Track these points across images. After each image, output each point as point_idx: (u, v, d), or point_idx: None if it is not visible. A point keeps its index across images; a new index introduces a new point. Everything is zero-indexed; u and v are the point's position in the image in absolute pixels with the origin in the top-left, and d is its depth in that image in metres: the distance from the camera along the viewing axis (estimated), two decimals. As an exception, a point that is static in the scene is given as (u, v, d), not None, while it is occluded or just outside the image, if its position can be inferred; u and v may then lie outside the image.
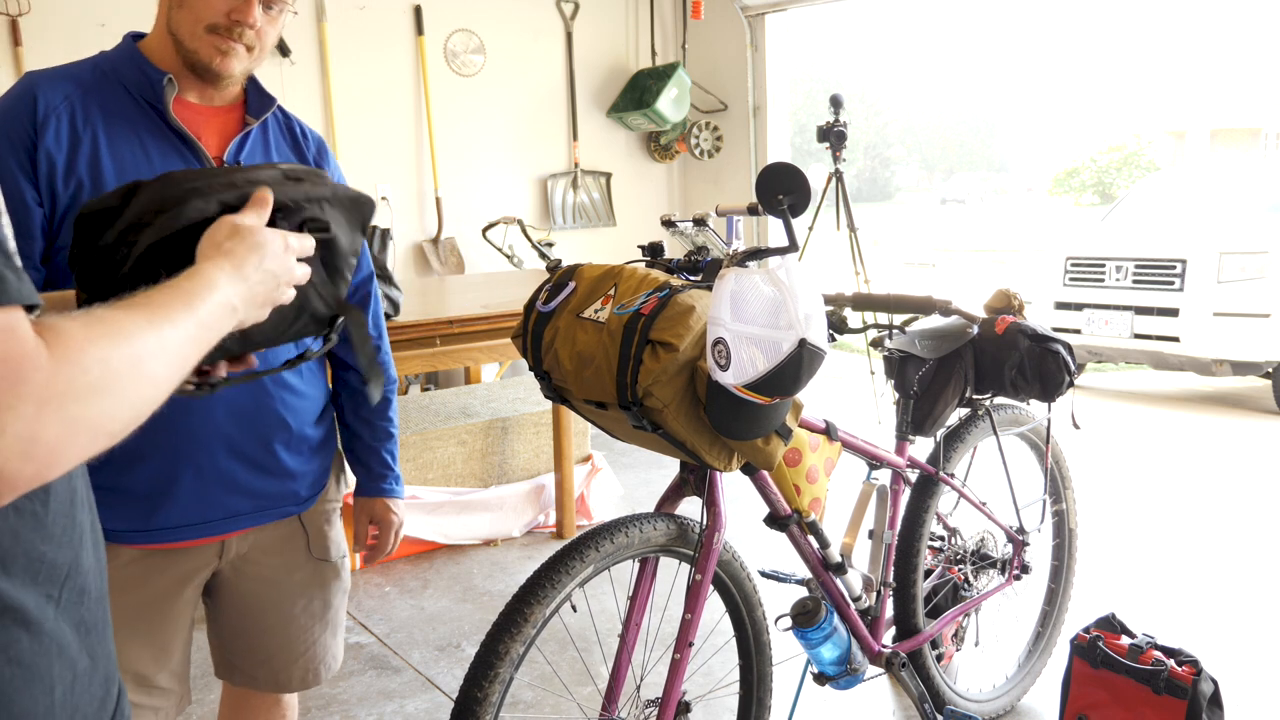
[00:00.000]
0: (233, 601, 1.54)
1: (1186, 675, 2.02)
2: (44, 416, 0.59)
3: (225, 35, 1.35)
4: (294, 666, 1.60)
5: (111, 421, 0.65)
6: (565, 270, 1.64)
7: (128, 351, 0.66)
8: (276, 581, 1.55)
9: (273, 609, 1.56)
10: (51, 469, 0.60)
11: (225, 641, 1.59)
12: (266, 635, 1.57)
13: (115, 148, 1.34)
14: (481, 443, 3.83)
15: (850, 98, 7.48)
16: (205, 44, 1.35)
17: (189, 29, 1.34)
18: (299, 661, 1.60)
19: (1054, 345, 2.17)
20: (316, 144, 1.59)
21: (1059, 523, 2.58)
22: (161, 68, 1.37)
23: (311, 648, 1.61)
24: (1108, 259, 6.11)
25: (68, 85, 1.34)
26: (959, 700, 2.34)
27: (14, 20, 4.47)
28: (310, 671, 1.62)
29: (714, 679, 2.52)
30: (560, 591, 1.58)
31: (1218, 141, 29.35)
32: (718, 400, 1.42)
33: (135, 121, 1.36)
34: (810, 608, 1.89)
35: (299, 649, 1.60)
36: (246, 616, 1.55)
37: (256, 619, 1.56)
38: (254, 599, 1.54)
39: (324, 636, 1.63)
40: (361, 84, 5.50)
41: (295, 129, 1.57)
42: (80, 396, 0.61)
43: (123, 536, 1.38)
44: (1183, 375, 6.71)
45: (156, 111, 1.37)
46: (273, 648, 1.58)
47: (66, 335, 0.62)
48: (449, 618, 3.15)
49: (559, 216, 6.38)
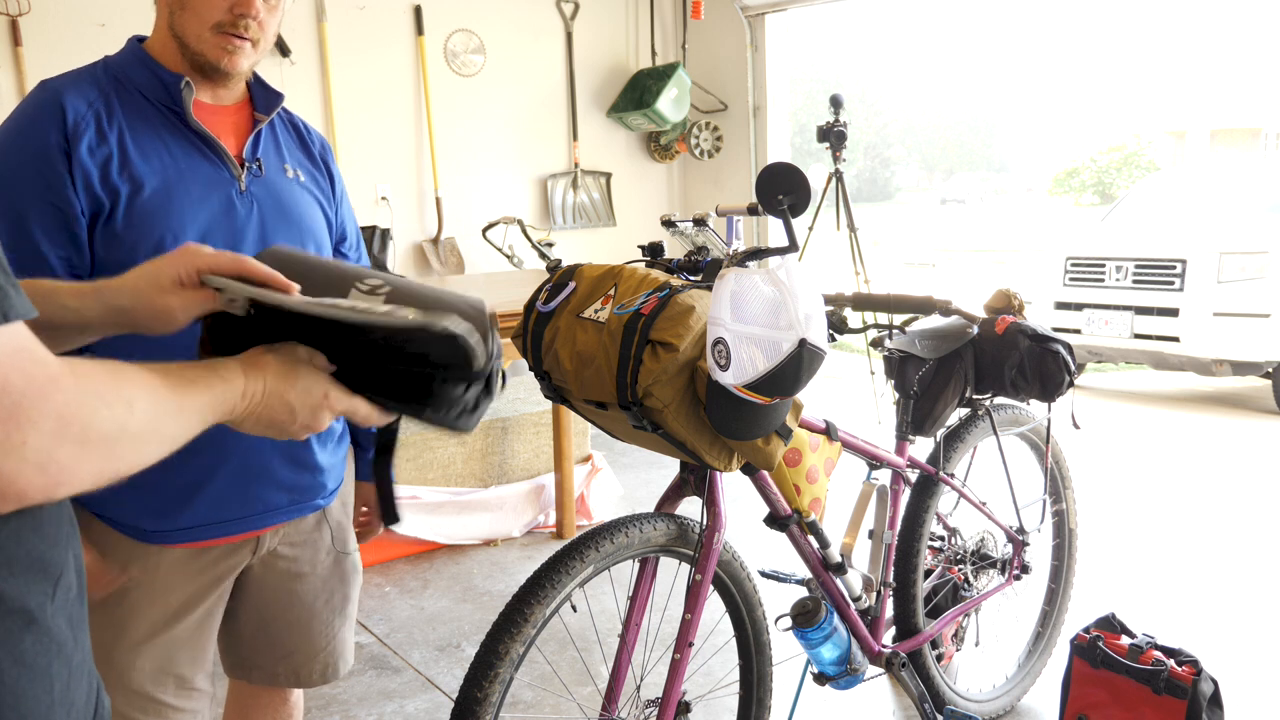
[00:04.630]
0: (259, 596, 1.54)
1: (1186, 675, 2.02)
2: (63, 437, 0.61)
3: (230, 33, 1.34)
4: (315, 661, 1.62)
5: (121, 463, 0.68)
6: (565, 270, 1.64)
7: (150, 405, 0.70)
8: (303, 575, 1.56)
9: (298, 603, 1.57)
10: (61, 489, 0.63)
11: (244, 639, 1.59)
12: (291, 630, 1.58)
13: (143, 152, 1.33)
14: (481, 443, 3.83)
15: (850, 98, 7.48)
16: (211, 44, 1.34)
17: (194, 30, 1.34)
18: (320, 656, 1.62)
19: (1054, 345, 2.17)
20: (321, 143, 1.60)
21: (1059, 523, 2.58)
22: (172, 70, 1.37)
23: (332, 641, 1.63)
24: (1108, 259, 6.11)
25: (90, 92, 1.33)
26: (959, 700, 2.34)
27: (14, 20, 4.47)
28: (330, 666, 1.64)
29: (714, 679, 2.52)
30: (560, 591, 1.58)
31: (1218, 141, 29.35)
32: (718, 400, 1.42)
33: (155, 124, 1.36)
34: (810, 608, 1.89)
35: (320, 643, 1.61)
36: (271, 611, 1.56)
37: (281, 613, 1.56)
38: (281, 593, 1.55)
39: (343, 630, 1.65)
40: (361, 84, 5.49)
41: (300, 127, 1.57)
42: (98, 427, 0.64)
43: (166, 537, 1.38)
44: (1183, 375, 6.71)
45: (175, 114, 1.37)
46: (295, 642, 1.59)
47: (91, 370, 0.66)
48: (449, 618, 3.15)
49: (559, 216, 6.38)
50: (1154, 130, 32.15)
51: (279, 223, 1.43)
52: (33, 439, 0.59)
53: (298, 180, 1.50)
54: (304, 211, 1.48)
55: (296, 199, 1.48)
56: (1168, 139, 31.33)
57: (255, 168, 1.43)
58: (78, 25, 4.62)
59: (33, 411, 0.59)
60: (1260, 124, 28.33)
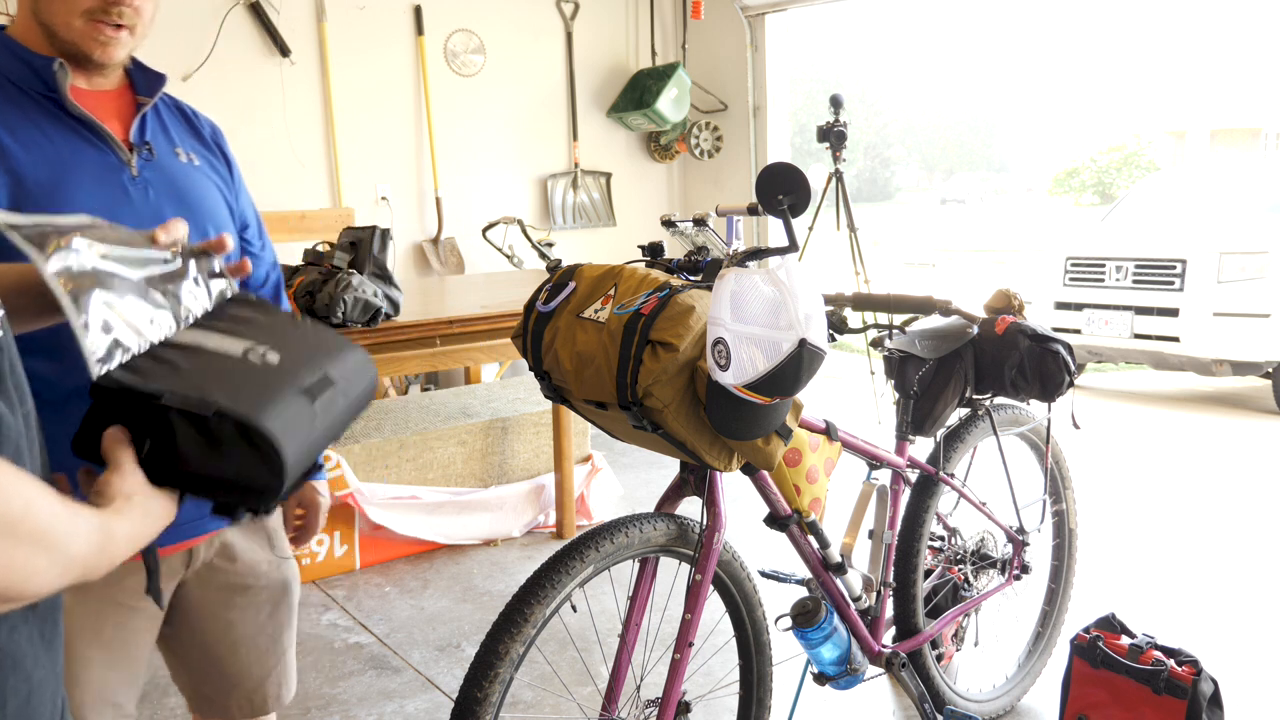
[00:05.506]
0: (199, 616, 1.44)
1: (1186, 675, 2.02)
2: None
3: (102, 21, 1.23)
4: (268, 682, 1.51)
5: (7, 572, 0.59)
6: (565, 270, 1.64)
7: (49, 517, 0.62)
8: (246, 588, 1.46)
9: (241, 620, 1.46)
10: None
11: (192, 668, 1.49)
12: (238, 651, 1.47)
13: (22, 144, 1.22)
14: (481, 443, 3.83)
15: (850, 98, 7.48)
16: (82, 33, 1.23)
17: (62, 18, 1.22)
18: (272, 676, 1.52)
19: (1054, 345, 2.17)
20: (211, 127, 1.48)
21: (1059, 523, 2.58)
22: (42, 54, 1.25)
23: (281, 659, 1.53)
24: (1108, 259, 6.11)
25: None
26: (959, 700, 2.34)
27: (14, 20, 4.47)
28: (284, 685, 1.54)
29: (714, 679, 2.52)
30: (560, 591, 1.58)
31: (1218, 141, 29.35)
32: (718, 400, 1.42)
33: (30, 113, 1.24)
34: (810, 608, 1.89)
35: (270, 662, 1.51)
36: (213, 631, 1.45)
37: (224, 634, 1.46)
38: (222, 609, 1.45)
39: (290, 650, 1.54)
40: (361, 84, 5.50)
41: (187, 111, 1.46)
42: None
43: None
44: (1183, 375, 6.71)
45: (51, 101, 1.25)
46: (244, 664, 1.48)
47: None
48: (449, 618, 3.15)
49: (559, 216, 6.38)
50: (1154, 130, 32.14)
51: (178, 208, 1.32)
52: None
53: (192, 164, 1.39)
54: (203, 195, 1.38)
55: (194, 182, 1.38)
56: (1168, 139, 31.32)
57: (146, 151, 1.33)
58: (78, 25, 4.62)
59: None
60: (1260, 124, 28.32)
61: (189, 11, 4.90)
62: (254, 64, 5.15)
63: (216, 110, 1.68)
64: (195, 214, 1.34)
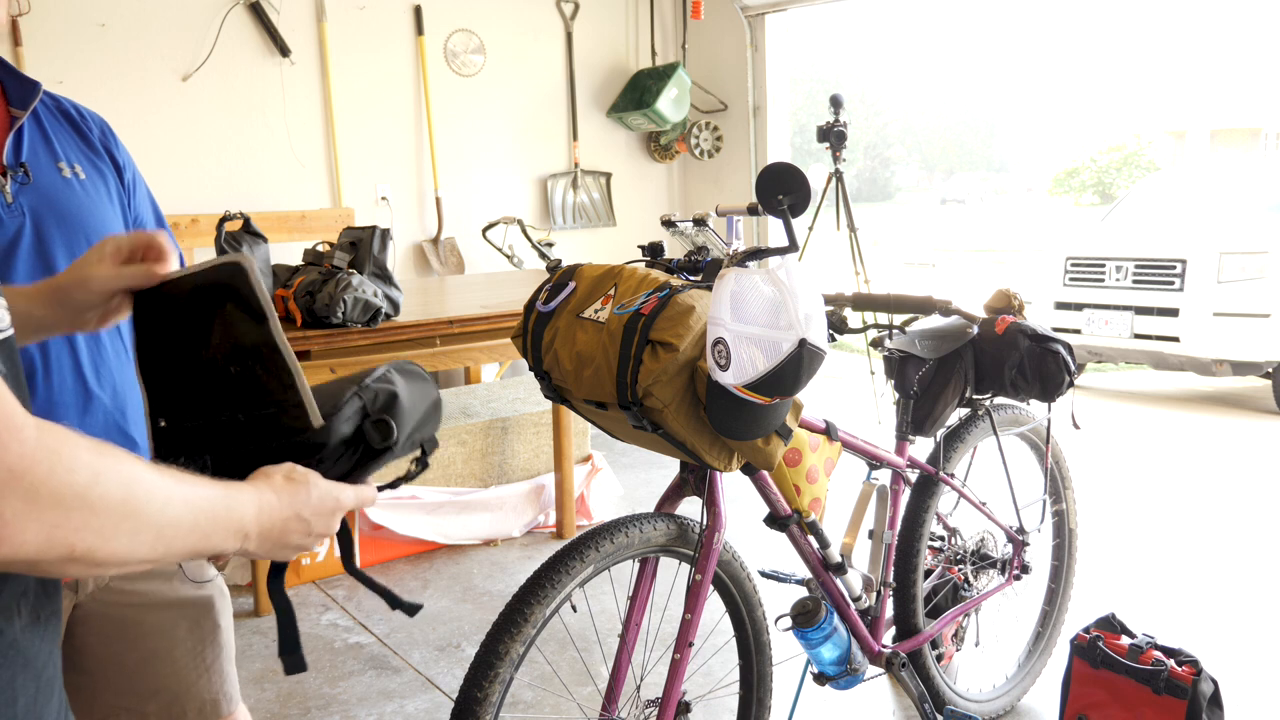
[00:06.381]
0: (101, 630, 1.31)
1: (1186, 675, 2.02)
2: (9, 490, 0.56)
3: None
4: (189, 699, 1.37)
5: (76, 535, 0.60)
6: (565, 270, 1.64)
7: (126, 486, 0.64)
8: (154, 606, 1.34)
9: (154, 633, 1.34)
10: (2, 545, 0.57)
11: (96, 679, 1.33)
12: (151, 663, 1.34)
13: None
14: (481, 443, 3.83)
15: (850, 98, 7.48)
16: None
17: None
18: (193, 691, 1.38)
19: (1054, 345, 2.17)
20: (100, 126, 1.38)
21: (1059, 523, 2.58)
22: None
23: (205, 674, 1.39)
24: (1108, 259, 6.11)
25: None
26: (959, 700, 2.34)
27: (14, 20, 4.46)
28: (210, 703, 1.40)
29: (714, 679, 2.52)
30: (560, 591, 1.58)
31: (1218, 141, 29.35)
32: (718, 400, 1.42)
33: None
34: (810, 608, 1.89)
35: (192, 676, 1.38)
36: (121, 644, 1.33)
37: (134, 644, 1.33)
38: (129, 625, 1.33)
39: (219, 661, 1.41)
40: (361, 84, 5.49)
41: (70, 111, 1.34)
42: (52, 487, 0.59)
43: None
44: (1183, 375, 6.71)
45: None
46: (161, 677, 1.35)
47: (61, 434, 0.60)
48: (449, 618, 3.15)
49: (559, 216, 6.38)
50: (1154, 130, 32.13)
51: (59, 233, 1.23)
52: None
53: (77, 178, 1.28)
54: (89, 214, 1.28)
55: (79, 202, 1.27)
56: (1168, 139, 31.32)
57: (21, 174, 1.22)
58: (78, 25, 4.62)
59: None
60: (1260, 124, 28.33)
61: (189, 11, 4.90)
62: (254, 64, 5.15)
63: (217, 110, 1.67)
64: (78, 234, 1.26)
